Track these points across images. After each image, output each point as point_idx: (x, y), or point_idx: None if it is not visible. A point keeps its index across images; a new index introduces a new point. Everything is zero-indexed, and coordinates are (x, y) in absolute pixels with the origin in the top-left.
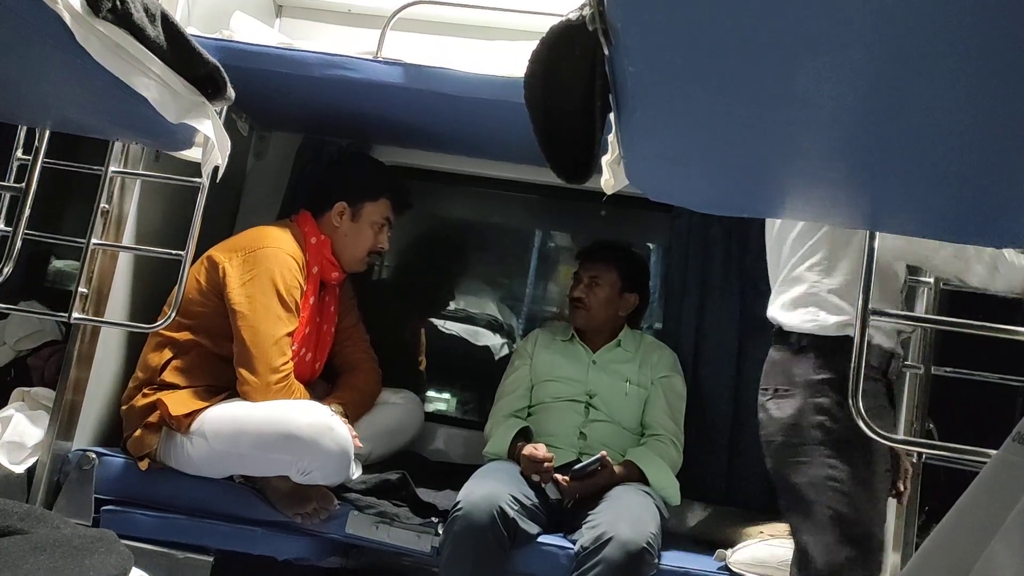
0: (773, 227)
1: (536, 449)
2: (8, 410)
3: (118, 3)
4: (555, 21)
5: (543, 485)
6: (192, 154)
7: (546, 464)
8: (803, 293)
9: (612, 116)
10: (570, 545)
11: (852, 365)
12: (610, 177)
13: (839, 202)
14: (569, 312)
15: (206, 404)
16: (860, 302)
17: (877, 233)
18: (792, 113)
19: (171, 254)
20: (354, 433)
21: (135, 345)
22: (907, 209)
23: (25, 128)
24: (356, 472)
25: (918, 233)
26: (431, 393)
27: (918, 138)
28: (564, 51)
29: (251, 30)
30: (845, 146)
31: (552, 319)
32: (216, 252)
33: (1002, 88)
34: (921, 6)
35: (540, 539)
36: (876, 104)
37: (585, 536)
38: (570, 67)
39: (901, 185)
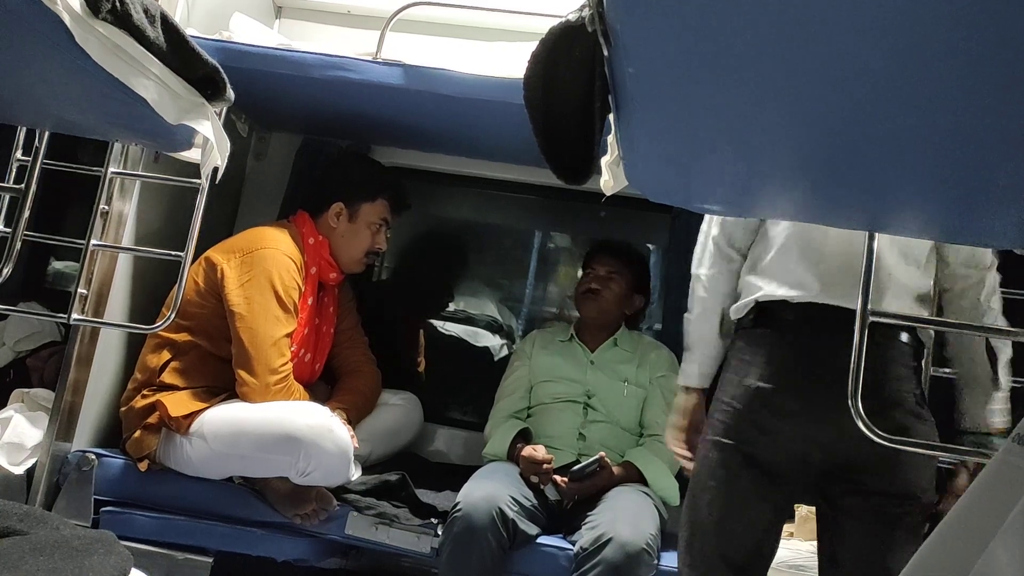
0: None
1: (535, 450)
2: (7, 411)
3: (118, 4)
4: (554, 22)
5: (542, 487)
6: (192, 155)
7: (545, 466)
8: None
9: (611, 117)
10: (569, 546)
11: (852, 364)
12: (609, 178)
13: (840, 203)
14: (579, 303)
15: (205, 405)
16: (860, 302)
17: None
18: (792, 114)
19: (170, 255)
20: (352, 434)
21: (134, 346)
22: (907, 210)
23: (24, 129)
24: (355, 473)
25: (918, 234)
26: (430, 394)
27: (918, 140)
28: (563, 52)
29: (250, 31)
30: (845, 147)
31: (551, 320)
32: (214, 253)
33: (1002, 91)
34: (920, 10)
35: (539, 540)
36: (877, 106)
37: (584, 537)
38: (569, 68)
39: (901, 186)
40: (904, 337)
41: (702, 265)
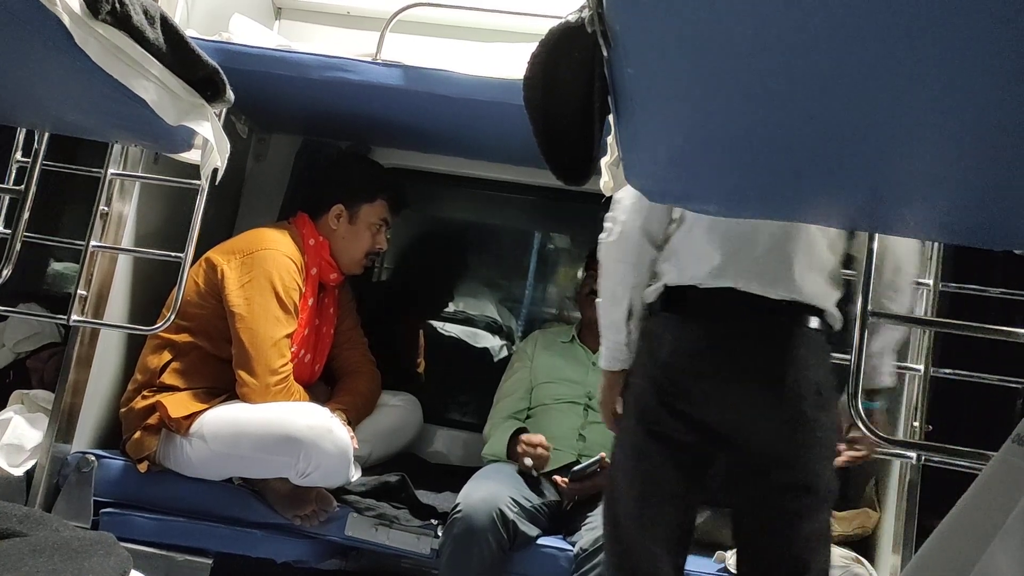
0: None
1: (532, 436)
2: (7, 412)
3: (117, 5)
4: (554, 23)
5: (535, 473)
6: (191, 156)
7: (540, 448)
8: None
9: (611, 118)
10: (569, 547)
11: (852, 364)
12: (609, 179)
13: (839, 204)
14: (584, 305)
15: (205, 406)
16: (860, 302)
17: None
18: (791, 115)
19: (170, 256)
20: (352, 434)
21: (134, 347)
22: (906, 212)
23: (24, 130)
24: (355, 474)
25: (918, 235)
26: (430, 395)
27: (917, 142)
28: (563, 53)
29: (250, 32)
30: (845, 148)
31: (551, 321)
32: (214, 254)
33: (997, 95)
34: (922, 14)
35: (539, 541)
36: (875, 107)
37: (584, 538)
38: (569, 69)
39: (901, 188)
40: (814, 323)
41: (613, 253)
